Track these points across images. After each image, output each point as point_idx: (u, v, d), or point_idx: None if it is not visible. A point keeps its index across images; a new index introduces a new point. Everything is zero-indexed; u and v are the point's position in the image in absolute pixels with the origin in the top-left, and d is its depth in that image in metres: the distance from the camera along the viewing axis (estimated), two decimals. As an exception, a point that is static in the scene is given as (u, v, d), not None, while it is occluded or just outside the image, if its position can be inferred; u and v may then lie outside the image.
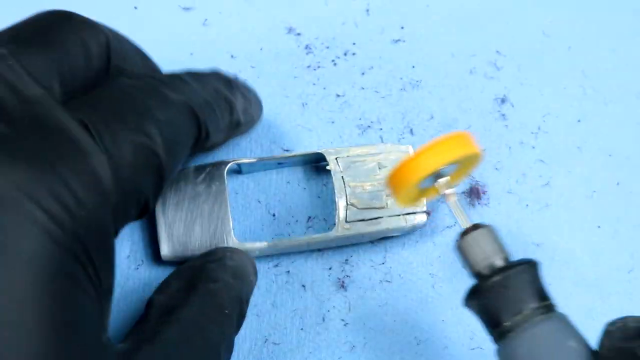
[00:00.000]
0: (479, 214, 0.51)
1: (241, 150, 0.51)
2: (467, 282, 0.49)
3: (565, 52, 0.56)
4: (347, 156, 0.49)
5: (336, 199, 0.48)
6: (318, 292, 0.49)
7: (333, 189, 0.49)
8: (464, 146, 0.40)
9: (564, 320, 0.37)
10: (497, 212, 0.52)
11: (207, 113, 0.41)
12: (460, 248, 0.39)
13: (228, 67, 0.52)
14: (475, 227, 0.39)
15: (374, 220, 0.49)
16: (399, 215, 0.49)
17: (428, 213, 0.49)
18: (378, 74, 0.54)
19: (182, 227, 0.47)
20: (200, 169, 0.48)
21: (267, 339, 0.48)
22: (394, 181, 0.40)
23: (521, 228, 0.52)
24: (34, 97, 0.33)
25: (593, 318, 0.49)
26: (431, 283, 0.50)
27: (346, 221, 0.48)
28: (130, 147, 0.35)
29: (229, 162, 0.48)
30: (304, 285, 0.49)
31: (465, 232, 0.39)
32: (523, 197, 0.52)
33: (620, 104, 0.55)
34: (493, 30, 0.56)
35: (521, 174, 0.53)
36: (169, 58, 0.52)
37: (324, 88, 0.53)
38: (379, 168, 0.50)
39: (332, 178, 0.49)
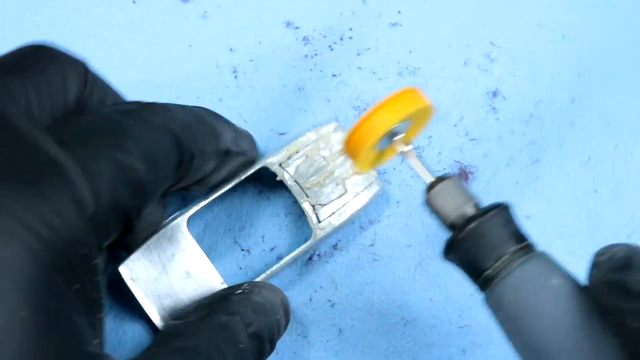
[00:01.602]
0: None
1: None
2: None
3: (560, 41, 0.56)
4: (289, 158, 0.49)
5: (302, 206, 0.49)
6: (305, 272, 0.50)
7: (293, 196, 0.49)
8: (415, 101, 0.40)
9: (545, 259, 0.37)
10: (487, 192, 0.52)
11: (188, 135, 0.41)
12: (429, 202, 0.39)
13: (227, 60, 0.53)
14: (440, 179, 0.39)
15: (342, 209, 0.49)
16: (358, 193, 0.49)
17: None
18: (375, 56, 0.54)
19: (167, 299, 0.47)
20: (160, 236, 0.47)
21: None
22: (351, 146, 0.40)
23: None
24: (12, 117, 0.34)
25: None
26: (418, 261, 0.51)
27: (319, 221, 0.48)
28: (107, 161, 0.35)
29: (179, 216, 0.47)
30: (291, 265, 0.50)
31: (431, 187, 0.39)
32: (512, 176, 0.53)
33: (617, 79, 0.55)
34: (488, 20, 0.56)
35: (510, 156, 0.53)
36: (168, 51, 0.53)
37: (321, 71, 0.54)
38: (324, 157, 0.49)
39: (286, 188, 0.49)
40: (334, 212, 0.49)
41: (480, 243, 0.37)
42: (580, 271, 0.49)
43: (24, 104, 0.36)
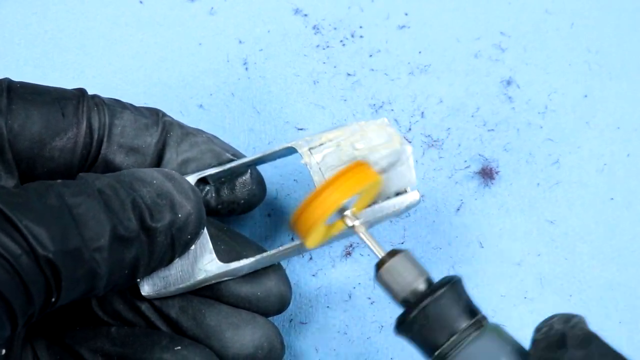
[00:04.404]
0: (492, 194, 0.52)
1: (255, 133, 0.52)
2: (486, 263, 0.50)
3: (569, 29, 0.56)
4: (320, 144, 0.43)
5: None
6: (341, 269, 0.50)
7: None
8: (365, 176, 0.39)
9: (495, 334, 0.37)
10: (509, 192, 0.52)
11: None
12: (381, 280, 0.38)
13: (236, 54, 0.53)
14: (391, 254, 0.38)
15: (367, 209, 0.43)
16: (389, 197, 0.44)
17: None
18: (386, 58, 0.54)
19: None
20: None
21: (292, 319, 0.48)
22: (300, 225, 0.39)
23: (534, 206, 0.52)
24: None
25: (613, 289, 0.50)
26: (451, 264, 0.50)
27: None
28: None
29: (196, 176, 0.44)
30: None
31: (381, 262, 0.38)
32: (534, 176, 0.53)
33: (625, 78, 0.55)
34: (496, 11, 0.56)
35: (529, 153, 0.53)
36: (178, 50, 0.53)
37: (335, 67, 0.54)
38: (357, 149, 0.44)
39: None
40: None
41: (433, 321, 0.36)
42: (606, 278, 0.50)
43: None
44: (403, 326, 0.37)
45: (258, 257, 0.42)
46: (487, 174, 0.52)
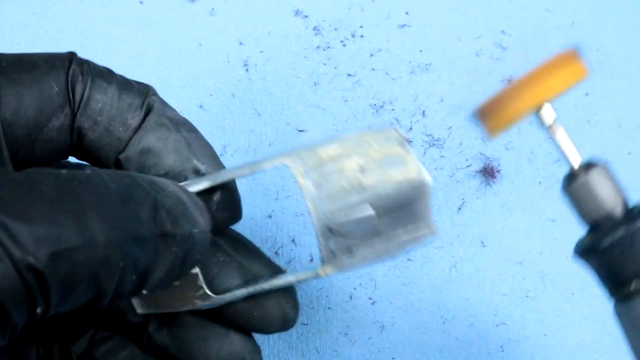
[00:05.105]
0: (493, 193, 0.52)
1: (255, 135, 0.51)
2: (488, 262, 0.50)
3: (569, 27, 0.56)
4: (318, 163, 0.34)
5: (315, 231, 0.33)
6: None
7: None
8: (577, 70, 0.34)
9: None
10: (511, 191, 0.52)
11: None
12: (572, 194, 0.33)
13: (237, 54, 0.53)
14: (588, 166, 0.33)
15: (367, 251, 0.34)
16: (397, 232, 0.34)
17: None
18: (387, 57, 0.54)
19: None
20: None
21: (294, 320, 0.48)
22: (492, 116, 0.35)
23: (535, 205, 0.52)
24: None
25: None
26: (452, 263, 0.50)
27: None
28: None
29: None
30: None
31: (574, 175, 0.33)
32: (535, 175, 0.53)
33: (626, 76, 0.55)
34: (496, 10, 0.56)
35: (531, 152, 0.53)
36: (178, 51, 0.52)
37: (335, 67, 0.54)
38: (362, 172, 0.33)
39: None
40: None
41: (629, 253, 0.32)
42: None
43: None
44: (591, 251, 0.33)
45: (257, 286, 0.36)
46: (488, 173, 0.52)
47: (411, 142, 0.52)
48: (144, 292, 0.33)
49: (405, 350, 0.48)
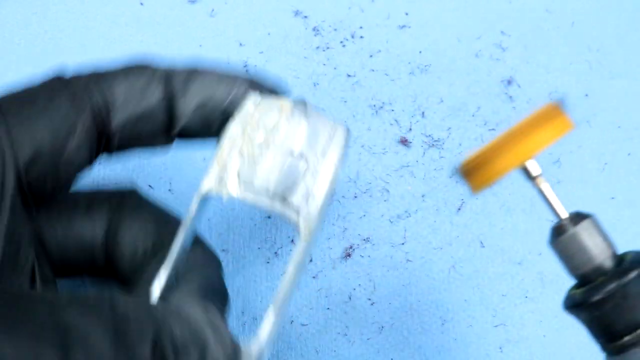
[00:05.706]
0: (493, 194, 0.51)
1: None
2: (487, 262, 0.50)
3: (569, 28, 0.56)
4: (226, 167, 0.34)
5: (273, 211, 0.34)
6: (341, 271, 0.49)
7: None
8: (561, 123, 0.33)
9: None
10: (510, 192, 0.52)
11: None
12: (559, 248, 0.33)
13: (237, 56, 0.53)
14: (575, 219, 0.33)
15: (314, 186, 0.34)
16: (326, 153, 0.35)
17: None
18: (386, 58, 0.54)
19: None
20: None
21: (293, 320, 0.48)
22: (476, 174, 0.34)
23: (535, 205, 0.52)
24: None
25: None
26: (451, 263, 0.50)
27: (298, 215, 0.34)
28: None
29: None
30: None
31: (561, 228, 0.33)
32: (535, 176, 0.53)
33: (626, 77, 0.55)
34: (496, 10, 0.56)
35: (530, 152, 0.53)
36: (178, 52, 0.52)
37: (335, 68, 0.54)
38: (260, 144, 0.34)
39: None
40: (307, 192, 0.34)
41: (618, 309, 0.31)
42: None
43: None
44: (581, 306, 0.32)
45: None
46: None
47: (410, 142, 0.52)
48: None
49: (404, 351, 0.48)
